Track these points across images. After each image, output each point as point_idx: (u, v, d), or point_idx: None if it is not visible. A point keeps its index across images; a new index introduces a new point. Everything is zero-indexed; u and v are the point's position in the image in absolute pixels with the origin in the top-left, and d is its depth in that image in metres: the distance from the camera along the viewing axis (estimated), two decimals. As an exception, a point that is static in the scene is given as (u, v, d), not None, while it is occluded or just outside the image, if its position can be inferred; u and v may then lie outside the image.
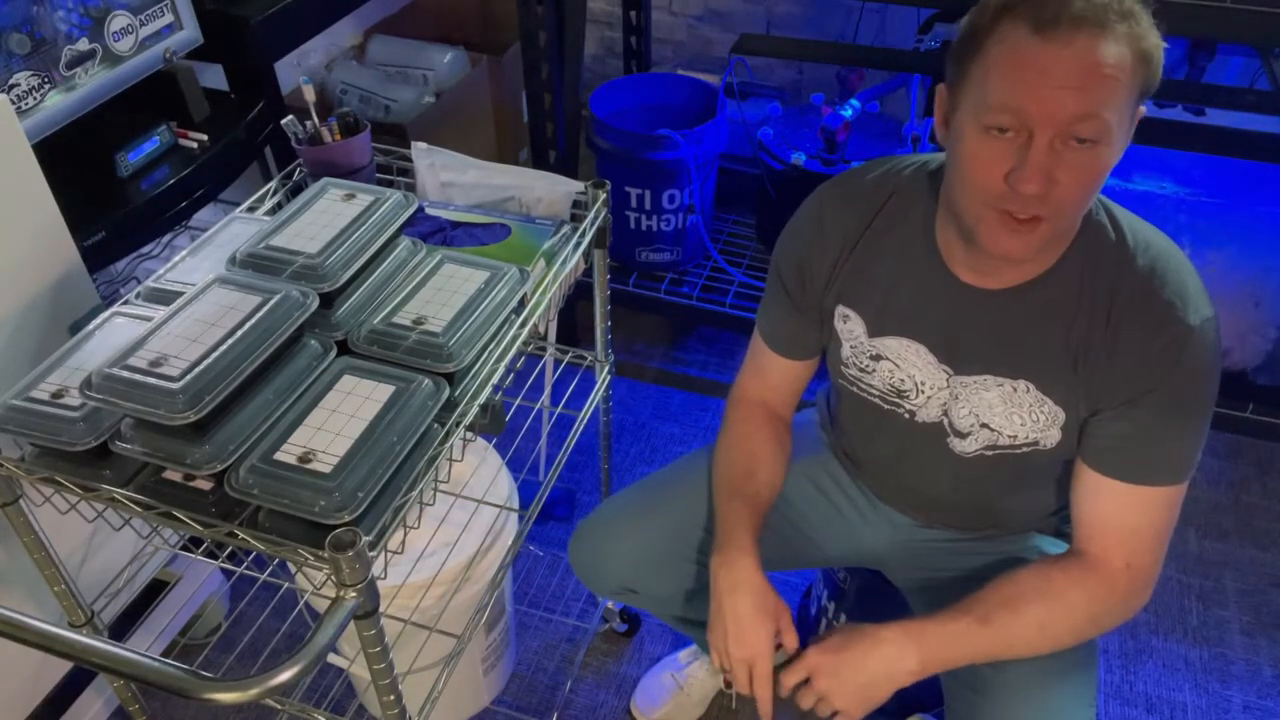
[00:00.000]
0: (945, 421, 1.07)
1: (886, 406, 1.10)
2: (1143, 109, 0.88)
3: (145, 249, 1.61)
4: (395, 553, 0.92)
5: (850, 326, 1.09)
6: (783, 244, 1.13)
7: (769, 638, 1.02)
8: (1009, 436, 1.03)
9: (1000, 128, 0.84)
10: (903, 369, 1.06)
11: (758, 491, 1.12)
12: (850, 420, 1.21)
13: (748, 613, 1.02)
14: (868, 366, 1.09)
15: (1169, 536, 0.99)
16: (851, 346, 1.10)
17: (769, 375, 1.19)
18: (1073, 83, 0.81)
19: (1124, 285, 0.93)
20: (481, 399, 0.99)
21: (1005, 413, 1.02)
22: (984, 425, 1.04)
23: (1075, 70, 0.81)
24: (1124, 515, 0.98)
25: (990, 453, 1.06)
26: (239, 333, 0.88)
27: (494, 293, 1.03)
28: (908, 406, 1.08)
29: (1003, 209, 0.87)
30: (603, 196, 1.25)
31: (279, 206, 1.27)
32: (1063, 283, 0.96)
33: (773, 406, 1.20)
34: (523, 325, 1.08)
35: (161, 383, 0.83)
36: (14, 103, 1.25)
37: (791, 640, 1.03)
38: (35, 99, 1.29)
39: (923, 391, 1.06)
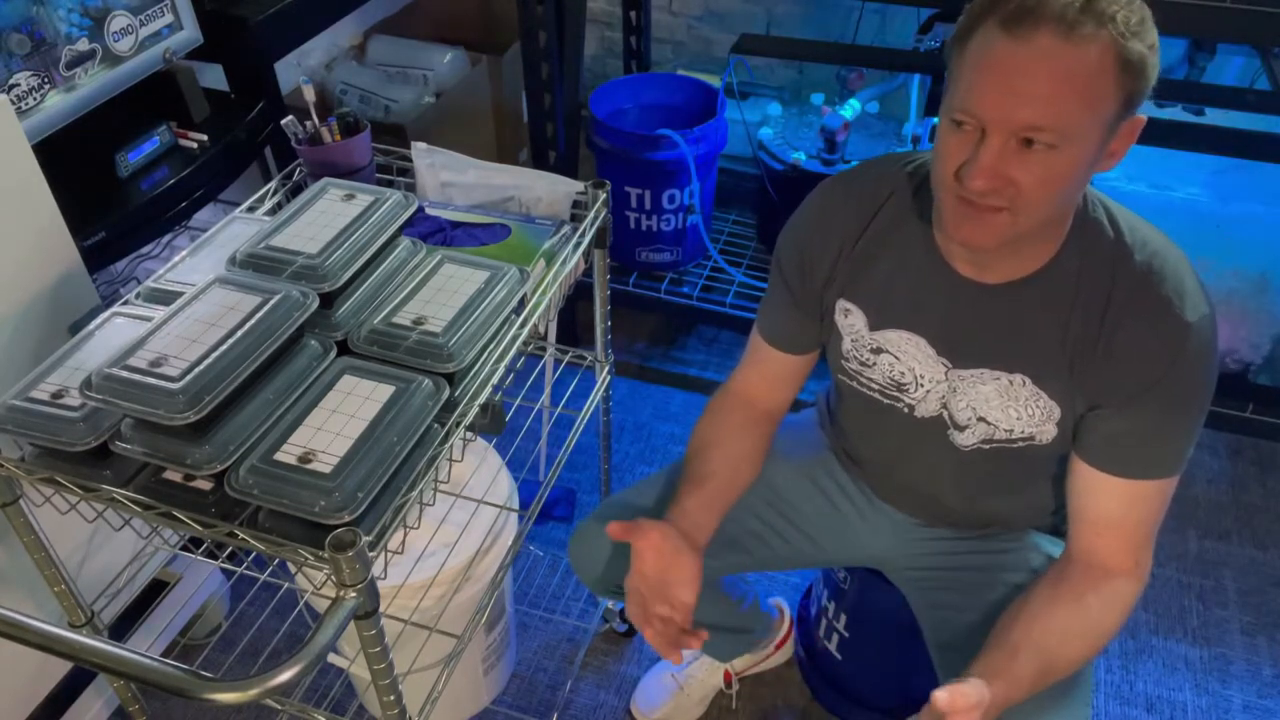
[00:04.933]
0: (945, 414, 1.07)
1: (886, 401, 1.10)
2: (1141, 119, 0.88)
3: (145, 249, 1.61)
4: (395, 553, 0.92)
5: (851, 320, 1.09)
6: (784, 239, 1.13)
7: (649, 565, 1.02)
8: (1005, 430, 1.04)
9: (958, 122, 0.86)
10: (903, 361, 1.06)
11: (703, 469, 1.13)
12: (850, 418, 1.21)
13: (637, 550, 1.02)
14: (868, 360, 1.09)
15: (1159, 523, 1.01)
16: (852, 340, 1.10)
17: (764, 369, 1.20)
18: (1029, 86, 0.81)
19: (1121, 282, 0.94)
20: (481, 399, 0.99)
21: (1001, 406, 1.02)
22: (981, 419, 1.04)
23: (1034, 72, 0.81)
24: (1127, 511, 0.99)
25: (987, 446, 1.06)
26: (239, 333, 0.88)
27: (494, 293, 1.03)
28: (907, 400, 1.09)
29: (960, 196, 0.88)
30: (603, 196, 1.24)
31: (279, 206, 1.27)
32: (1059, 278, 0.96)
33: (757, 400, 1.20)
34: (523, 325, 1.08)
35: (161, 383, 0.83)
36: (14, 103, 1.25)
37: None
38: (35, 99, 1.29)
39: (922, 385, 1.06)
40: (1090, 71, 0.81)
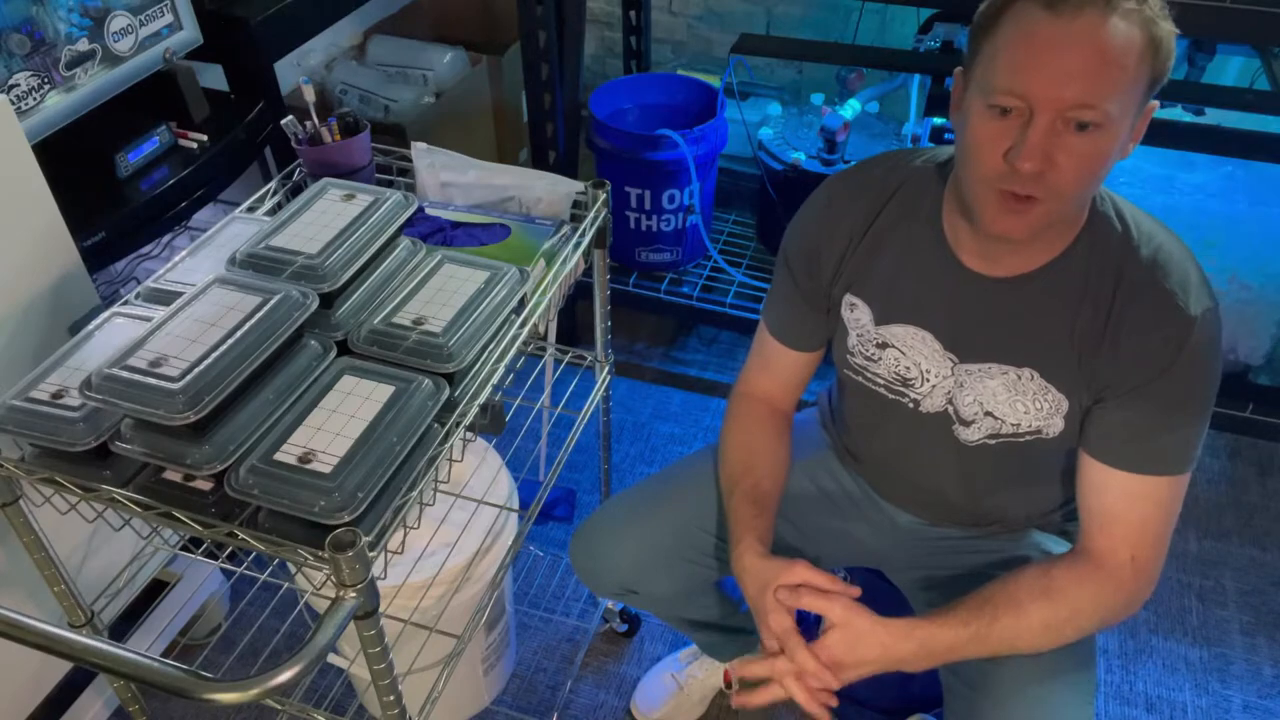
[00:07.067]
0: (950, 410, 1.07)
1: (891, 396, 1.10)
2: (1155, 104, 0.89)
3: (145, 249, 1.61)
4: (395, 553, 0.92)
5: (857, 315, 1.09)
6: (791, 234, 1.13)
7: (783, 623, 1.00)
8: (1012, 425, 1.04)
9: (1003, 108, 0.85)
10: (909, 356, 1.06)
11: (757, 484, 1.12)
12: (854, 414, 1.21)
13: (762, 605, 1.02)
14: (873, 355, 1.09)
15: (1172, 530, 1.00)
16: (858, 335, 1.10)
17: (773, 367, 1.19)
18: (1077, 64, 0.82)
19: (1127, 275, 0.94)
20: (481, 399, 0.99)
21: (1009, 400, 1.02)
22: (988, 413, 1.04)
23: (1080, 49, 0.81)
24: (1129, 506, 0.98)
25: (993, 441, 1.06)
26: (239, 333, 0.88)
27: (494, 293, 1.03)
28: (912, 395, 1.09)
29: (1002, 188, 0.88)
30: (603, 196, 1.24)
31: (279, 207, 1.27)
32: (1068, 272, 0.96)
33: (775, 401, 1.20)
34: (523, 325, 1.08)
35: (161, 383, 0.83)
36: (14, 103, 1.25)
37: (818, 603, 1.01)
38: (35, 99, 1.29)
39: (928, 380, 1.06)
40: (1129, 49, 0.82)
